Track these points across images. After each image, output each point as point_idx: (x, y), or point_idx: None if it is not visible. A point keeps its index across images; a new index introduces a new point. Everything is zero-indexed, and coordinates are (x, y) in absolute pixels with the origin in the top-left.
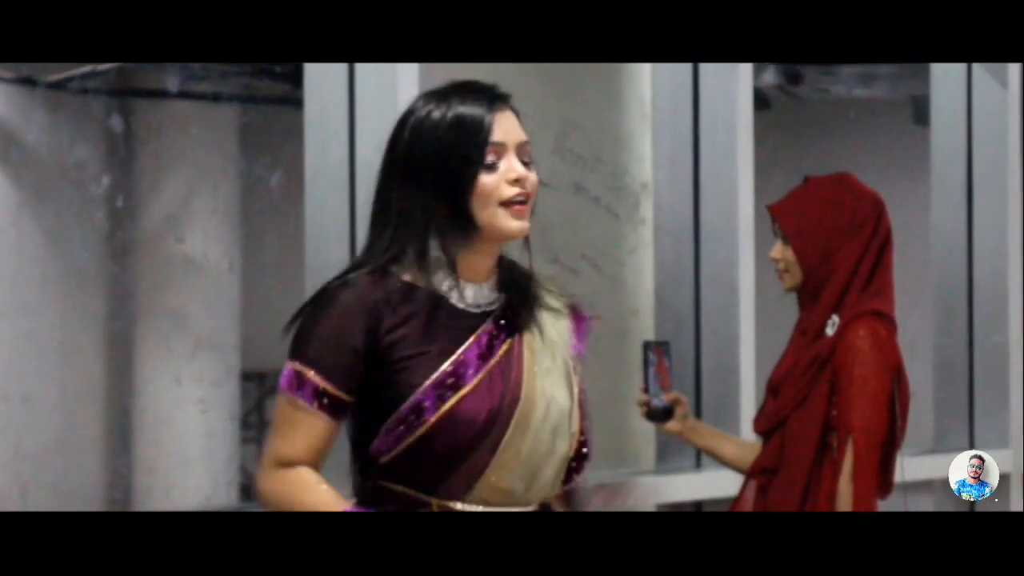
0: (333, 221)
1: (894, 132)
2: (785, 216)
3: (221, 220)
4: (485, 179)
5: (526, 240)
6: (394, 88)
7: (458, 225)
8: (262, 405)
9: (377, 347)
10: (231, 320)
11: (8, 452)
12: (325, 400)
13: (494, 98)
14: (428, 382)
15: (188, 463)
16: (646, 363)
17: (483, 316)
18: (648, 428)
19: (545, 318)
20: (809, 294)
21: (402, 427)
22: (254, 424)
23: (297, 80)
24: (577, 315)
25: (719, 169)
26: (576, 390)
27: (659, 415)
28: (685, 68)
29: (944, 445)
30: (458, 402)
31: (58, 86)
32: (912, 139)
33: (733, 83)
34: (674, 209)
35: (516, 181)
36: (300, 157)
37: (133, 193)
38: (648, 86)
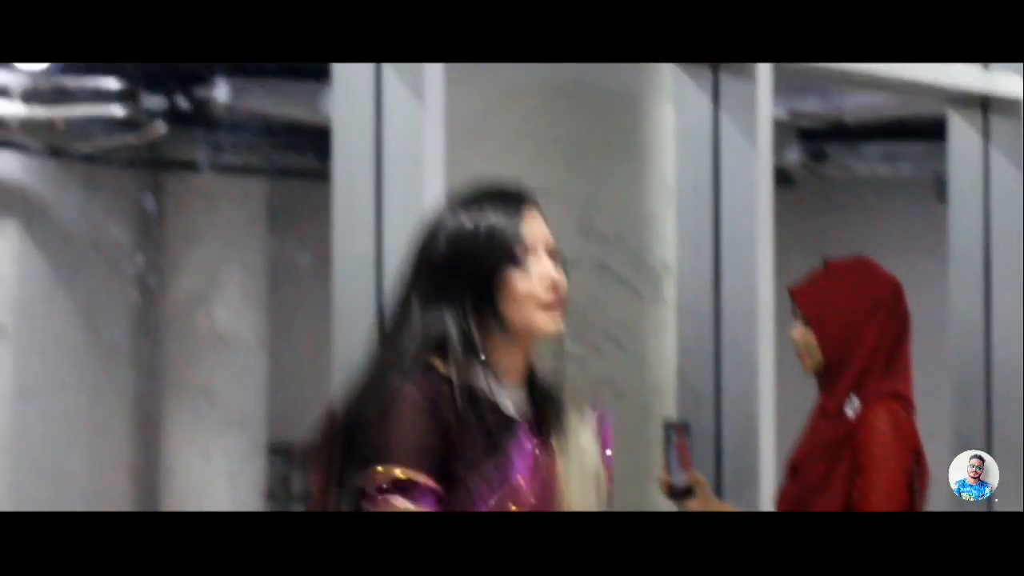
0: (360, 298)
1: (918, 211)
2: (805, 299)
3: (249, 296)
4: (518, 279)
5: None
6: (419, 172)
7: (491, 325)
8: (288, 479)
9: (446, 445)
10: (259, 395)
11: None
12: (435, 499)
13: (522, 200)
14: (492, 502)
15: None
16: (667, 442)
17: (518, 420)
18: (669, 506)
19: (572, 426)
20: (829, 376)
21: None
22: (280, 497)
23: (326, 153)
24: (602, 419)
25: (740, 251)
26: (604, 497)
27: (679, 494)
28: (706, 149)
29: None
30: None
31: (90, 159)
32: (936, 218)
33: (753, 166)
34: (695, 290)
35: (552, 284)
36: (328, 233)
37: (163, 270)
38: (671, 167)
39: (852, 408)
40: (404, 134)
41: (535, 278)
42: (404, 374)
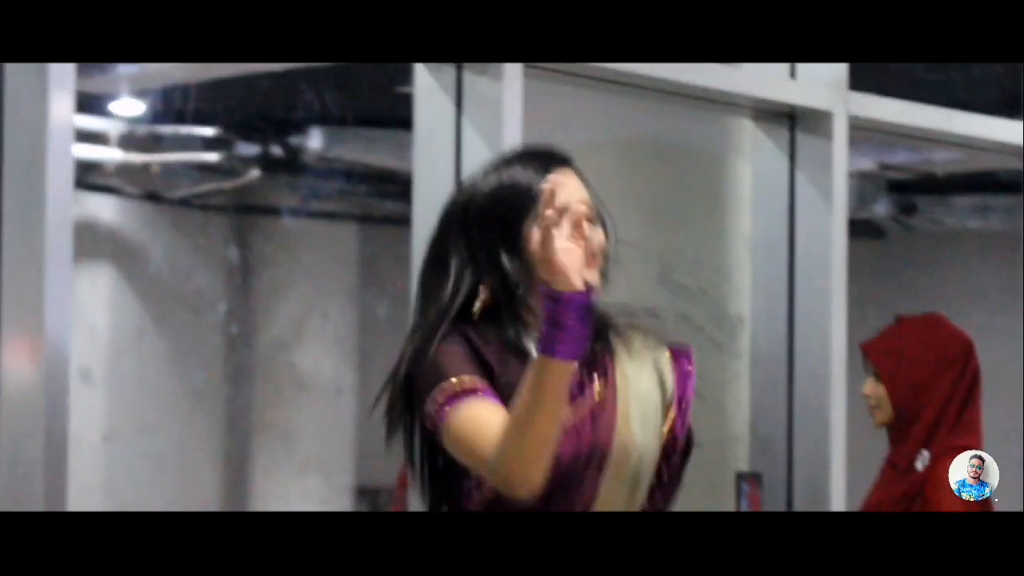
0: None
1: (1008, 265)
2: (877, 355)
3: (337, 342)
4: (535, 250)
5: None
6: None
7: (521, 276)
8: None
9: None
10: (345, 439)
11: None
12: (481, 391)
13: (551, 160)
14: None
15: None
16: (739, 493)
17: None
18: None
19: (634, 362)
20: (899, 429)
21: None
22: None
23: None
24: (677, 358)
25: (814, 304)
26: (664, 436)
27: None
28: (783, 204)
29: None
30: (561, 462)
31: (184, 203)
32: None
33: (828, 220)
34: (769, 342)
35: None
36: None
37: (251, 315)
38: (749, 221)
39: (922, 462)
40: None
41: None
42: (445, 329)
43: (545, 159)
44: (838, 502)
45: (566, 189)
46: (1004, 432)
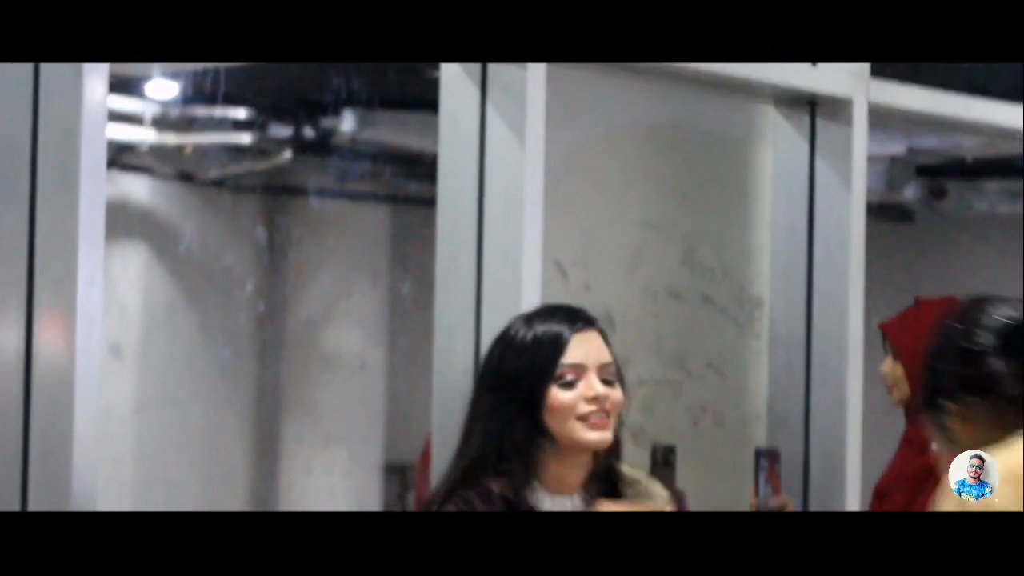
0: (460, 325)
1: None
2: (895, 335)
3: (368, 320)
4: (561, 395)
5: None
6: (520, 204)
7: (539, 439)
8: (404, 497)
9: None
10: (374, 417)
11: None
12: None
13: (577, 319)
14: None
15: None
16: (757, 468)
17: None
18: None
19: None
20: (916, 408)
21: None
22: None
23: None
24: (678, 502)
25: (832, 286)
26: None
27: None
28: (803, 188)
29: None
30: None
31: (217, 184)
32: None
33: (847, 206)
34: (788, 322)
35: (594, 399)
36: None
37: (282, 293)
38: (771, 205)
39: None
40: (506, 169)
41: (577, 394)
42: (457, 490)
43: (570, 319)
44: (853, 478)
45: (590, 350)
46: None
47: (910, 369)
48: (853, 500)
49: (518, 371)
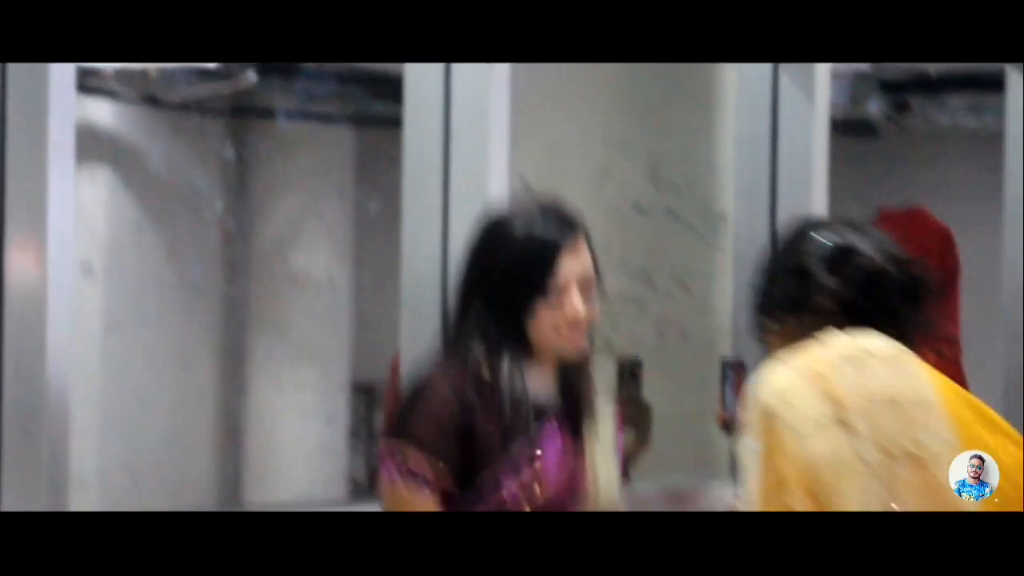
0: (427, 245)
1: (998, 162)
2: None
3: (333, 241)
4: (545, 312)
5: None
6: (486, 125)
7: (519, 338)
8: (370, 417)
9: (470, 436)
10: (340, 336)
11: (125, 450)
12: (432, 480)
13: (568, 228)
14: (514, 485)
15: (294, 463)
16: (723, 380)
17: (548, 413)
18: (725, 439)
19: (602, 419)
20: None
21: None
22: (362, 435)
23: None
24: (618, 416)
25: (795, 200)
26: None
27: (734, 428)
28: (766, 103)
29: None
30: (543, 502)
31: (181, 107)
32: None
33: (810, 119)
34: (752, 237)
35: (576, 319)
36: (398, 182)
37: (248, 215)
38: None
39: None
40: (472, 88)
41: (561, 313)
42: (442, 366)
43: (567, 222)
44: None
45: (577, 264)
46: (983, 322)
47: None
48: None
49: (506, 279)
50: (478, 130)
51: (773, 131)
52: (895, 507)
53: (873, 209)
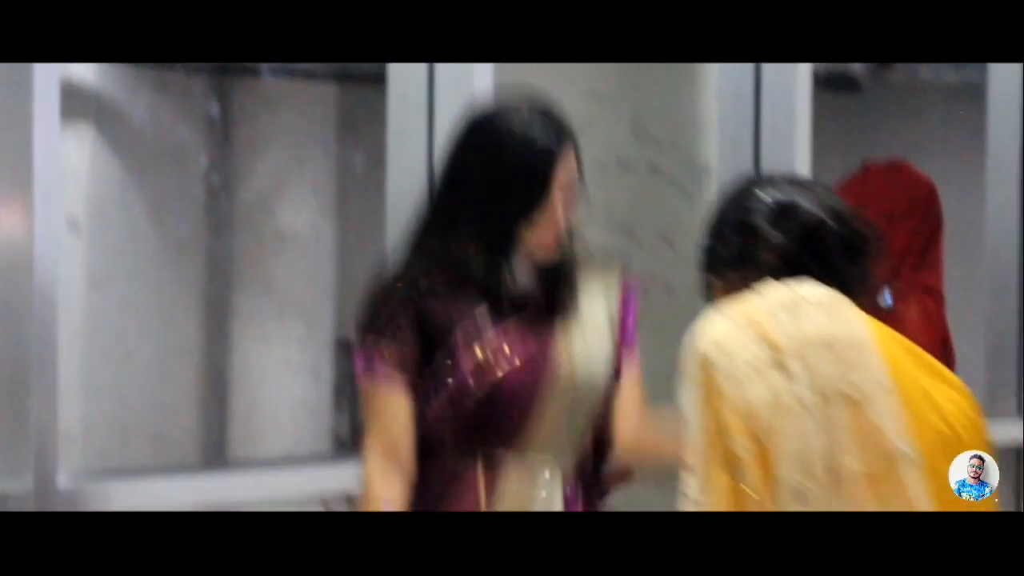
0: (412, 200)
1: (978, 116)
2: (844, 198)
3: (316, 197)
4: (532, 225)
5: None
6: (471, 77)
7: (506, 240)
8: (355, 373)
9: (428, 328)
10: (320, 289)
11: (112, 404)
12: (396, 379)
13: (563, 135)
14: (471, 366)
15: (278, 419)
16: None
17: (524, 302)
18: None
19: (585, 298)
20: None
21: (447, 407)
22: (346, 392)
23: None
24: (627, 291)
25: (778, 154)
26: (613, 363)
27: None
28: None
29: (994, 412)
30: (496, 384)
31: (165, 64)
32: None
33: (793, 73)
34: None
35: (557, 236)
36: (383, 136)
37: (229, 171)
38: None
39: (885, 301)
40: None
41: (548, 219)
42: (405, 261)
43: (562, 128)
44: None
45: (571, 165)
46: (964, 272)
47: None
48: None
49: (501, 183)
50: (461, 84)
51: (756, 85)
52: (833, 449)
53: (858, 162)
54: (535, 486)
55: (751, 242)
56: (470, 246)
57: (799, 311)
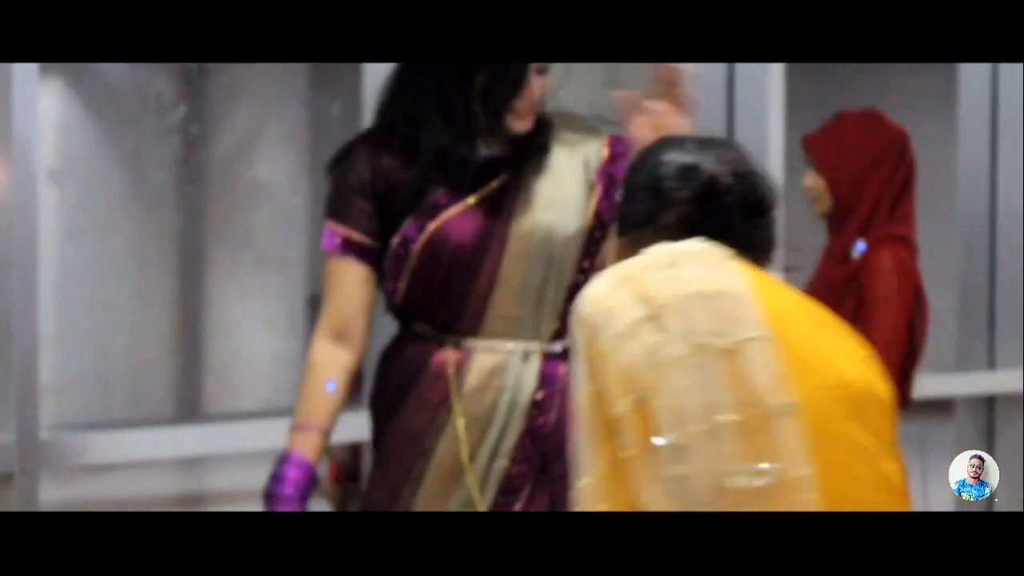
0: None
1: (946, 68)
2: (817, 149)
3: (290, 148)
4: (514, 100)
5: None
6: None
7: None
8: None
9: (386, 193)
10: (296, 238)
11: (94, 354)
12: (351, 246)
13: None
14: (411, 214)
15: (254, 372)
16: None
17: (494, 171)
18: None
19: (556, 152)
20: (837, 220)
21: (397, 262)
22: None
23: None
24: (612, 143)
25: (752, 103)
26: (591, 218)
27: None
28: None
29: (966, 365)
30: (437, 229)
31: None
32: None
33: None
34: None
35: (532, 104)
36: (360, 86)
37: (205, 122)
38: None
39: (858, 250)
40: None
41: (524, 98)
42: (367, 137)
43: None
44: None
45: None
46: (936, 225)
47: (832, 182)
48: None
49: (487, 72)
50: None
51: None
52: (709, 403)
53: (833, 112)
54: (505, 372)
55: (656, 204)
56: (433, 119)
57: (676, 265)
